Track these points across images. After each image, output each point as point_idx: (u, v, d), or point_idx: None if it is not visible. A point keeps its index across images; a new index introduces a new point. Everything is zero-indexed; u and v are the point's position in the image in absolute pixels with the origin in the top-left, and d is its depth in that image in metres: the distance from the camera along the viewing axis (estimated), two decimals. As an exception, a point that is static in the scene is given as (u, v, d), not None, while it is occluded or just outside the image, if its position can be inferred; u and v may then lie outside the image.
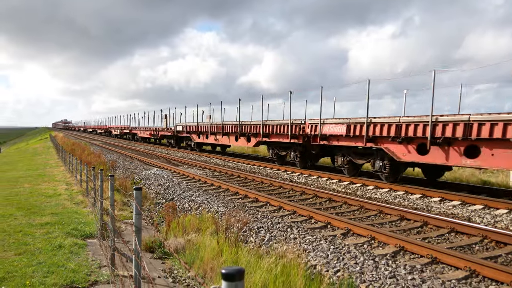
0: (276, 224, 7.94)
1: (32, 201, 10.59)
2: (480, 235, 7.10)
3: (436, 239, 7.19)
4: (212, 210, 9.37)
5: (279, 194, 11.63)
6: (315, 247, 6.58)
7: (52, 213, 9.15)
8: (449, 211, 9.31)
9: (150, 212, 10.68)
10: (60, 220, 8.40)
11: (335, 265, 5.86)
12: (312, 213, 8.62)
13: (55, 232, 7.50)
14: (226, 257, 5.62)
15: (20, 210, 9.39)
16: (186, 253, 6.40)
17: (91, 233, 7.60)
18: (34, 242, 6.81)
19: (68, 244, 6.74)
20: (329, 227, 7.91)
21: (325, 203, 10.30)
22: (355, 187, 12.32)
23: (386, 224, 8.26)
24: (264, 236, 7.33)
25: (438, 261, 5.91)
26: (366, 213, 9.17)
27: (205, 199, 10.56)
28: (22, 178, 15.50)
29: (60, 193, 11.82)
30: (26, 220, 8.41)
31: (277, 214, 9.03)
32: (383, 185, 12.08)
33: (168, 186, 12.88)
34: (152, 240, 7.01)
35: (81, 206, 10.07)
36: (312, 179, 14.06)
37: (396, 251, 6.37)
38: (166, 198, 11.59)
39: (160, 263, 6.37)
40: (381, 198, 10.95)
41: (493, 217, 8.61)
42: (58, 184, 13.70)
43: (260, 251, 6.30)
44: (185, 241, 6.78)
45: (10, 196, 11.36)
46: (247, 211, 9.00)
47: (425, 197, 10.61)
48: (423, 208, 9.67)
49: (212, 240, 6.42)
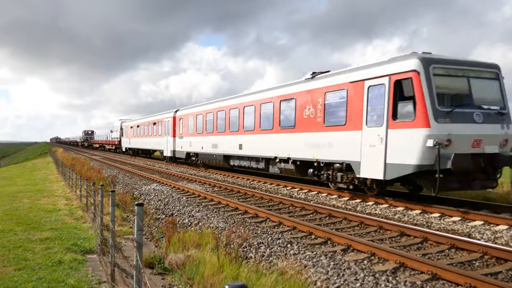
0: (276, 239, 7.94)
1: (31, 216, 10.58)
2: (480, 251, 7.09)
3: (436, 255, 7.18)
4: (212, 226, 9.37)
5: (279, 209, 11.63)
6: (315, 263, 6.58)
7: (51, 228, 9.14)
8: (449, 227, 9.31)
9: (150, 227, 10.66)
10: (59, 236, 8.40)
11: (336, 281, 5.85)
12: (312, 229, 8.62)
13: (54, 247, 7.49)
14: (227, 273, 5.62)
15: (19, 225, 9.38)
16: (186, 269, 6.39)
17: (91, 249, 7.59)
18: (34, 258, 6.80)
19: (68, 260, 6.73)
20: (329, 243, 7.91)
21: (325, 219, 10.30)
22: (355, 203, 12.31)
23: (386, 240, 8.26)
24: (264, 252, 7.32)
25: (438, 277, 5.90)
26: (366, 229, 9.16)
27: (205, 215, 10.56)
28: (21, 193, 15.49)
29: (60, 208, 11.82)
30: (26, 235, 8.41)
31: (277, 229, 9.03)
32: (382, 200, 12.08)
33: (168, 202, 12.88)
34: (152, 256, 7.00)
35: (80, 222, 10.06)
36: (312, 195, 14.06)
37: (396, 267, 6.37)
38: (166, 214, 11.58)
39: (160, 279, 6.36)
40: (381, 213, 10.94)
41: (493, 233, 8.60)
42: (58, 199, 13.69)
43: (260, 267, 6.29)
44: (185, 256, 6.77)
45: (10, 211, 11.35)
46: (247, 227, 8.99)
47: (425, 213, 10.61)
48: (423, 224, 9.66)
49: (212, 256, 6.42)
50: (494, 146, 10.49)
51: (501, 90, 11.17)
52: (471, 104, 10.56)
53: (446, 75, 10.63)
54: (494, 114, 10.70)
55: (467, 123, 10.24)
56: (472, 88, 10.72)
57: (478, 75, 10.98)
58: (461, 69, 10.73)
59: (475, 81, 10.83)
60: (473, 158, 10.04)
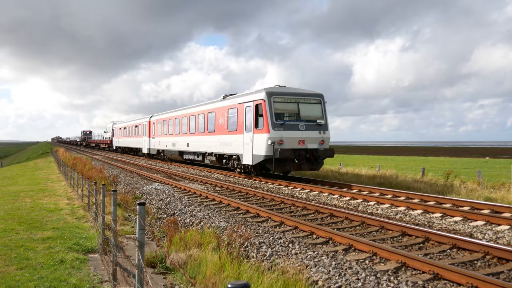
0: (277, 239, 7.94)
1: (33, 215, 10.60)
2: (482, 251, 7.08)
3: (438, 255, 7.18)
4: (214, 225, 9.38)
5: (280, 209, 11.63)
6: (317, 262, 6.58)
7: (53, 227, 9.16)
8: (450, 227, 9.30)
9: (152, 227, 10.67)
10: (61, 235, 8.41)
11: (337, 280, 5.85)
12: (314, 228, 8.62)
13: (56, 246, 7.50)
14: (228, 272, 5.62)
15: (21, 224, 9.40)
16: (187, 268, 6.40)
17: (93, 248, 7.61)
18: (36, 257, 6.82)
19: (70, 259, 6.74)
20: (331, 243, 7.91)
21: (326, 219, 10.30)
22: (357, 203, 12.32)
23: (388, 239, 8.25)
24: (266, 252, 7.33)
25: (440, 277, 5.90)
26: (367, 229, 9.16)
27: (206, 214, 10.56)
28: (23, 193, 15.52)
29: (62, 208, 11.84)
30: (28, 234, 8.43)
31: (279, 229, 9.03)
32: (384, 200, 12.09)
33: (169, 201, 12.89)
34: (154, 255, 7.01)
35: (82, 221, 10.07)
36: (313, 195, 14.07)
37: (398, 267, 6.36)
38: (168, 213, 11.59)
39: (161, 278, 6.37)
40: (383, 213, 10.94)
41: (495, 233, 8.60)
42: (60, 199, 13.71)
43: (262, 267, 6.29)
44: (186, 256, 6.77)
45: (12, 210, 11.37)
46: (248, 226, 9.00)
47: (427, 213, 10.61)
48: (425, 224, 9.66)
49: (213, 255, 6.42)
50: (314, 144, 16.99)
51: (322, 110, 17.69)
52: (298, 119, 17.08)
53: (282, 101, 17.00)
54: (314, 125, 17.16)
55: (294, 130, 16.68)
56: (300, 109, 17.22)
57: (306, 101, 17.47)
58: (293, 97, 17.24)
59: (303, 104, 17.33)
60: (297, 151, 16.62)
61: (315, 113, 17.56)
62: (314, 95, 17.72)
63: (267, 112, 16.41)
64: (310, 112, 17.48)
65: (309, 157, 16.92)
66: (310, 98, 17.56)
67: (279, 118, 16.75)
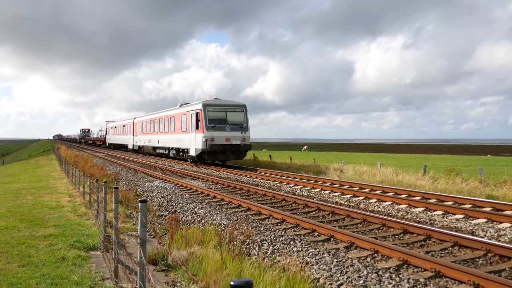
0: (279, 237, 7.94)
1: (35, 213, 10.62)
2: (483, 249, 7.08)
3: (440, 253, 7.17)
4: (215, 223, 9.38)
5: (281, 207, 11.63)
6: (319, 260, 6.58)
7: (55, 225, 9.17)
8: (452, 224, 9.29)
9: (153, 224, 10.68)
10: (63, 232, 8.42)
11: (339, 278, 5.85)
12: (315, 226, 8.61)
13: (58, 244, 7.51)
14: (230, 269, 5.62)
15: (23, 222, 9.41)
16: (189, 265, 6.40)
17: (94, 245, 7.61)
18: (38, 254, 6.83)
19: (72, 256, 6.75)
20: (332, 240, 7.90)
21: (328, 216, 10.30)
22: (358, 200, 12.31)
23: (389, 237, 8.25)
24: (267, 249, 7.33)
25: (441, 274, 5.89)
26: (369, 226, 9.16)
27: (208, 212, 10.57)
28: (25, 190, 15.54)
29: (63, 205, 11.85)
30: (29, 232, 8.44)
31: (280, 226, 9.03)
32: (385, 198, 12.08)
33: (171, 199, 12.89)
34: (155, 253, 7.02)
35: (84, 218, 10.09)
36: (315, 192, 14.07)
37: (400, 265, 6.36)
38: (169, 211, 11.60)
39: (163, 275, 6.37)
40: (384, 211, 10.94)
41: (496, 230, 8.59)
42: (61, 196, 13.73)
43: (264, 264, 6.29)
44: (188, 253, 6.78)
45: (13, 208, 11.39)
46: (250, 224, 9.00)
47: (428, 211, 10.60)
48: (426, 222, 9.65)
49: (215, 253, 6.43)
50: (237, 141, 23.53)
51: (244, 116, 24.32)
52: (226, 123, 23.68)
53: (213, 110, 23.61)
54: (237, 127, 23.81)
55: (222, 131, 23.29)
56: (228, 116, 23.95)
57: (232, 110, 24.22)
58: (222, 107, 24.02)
59: (229, 112, 24.04)
60: (224, 146, 23.21)
61: (239, 119, 24.29)
62: (239, 105, 24.64)
63: (203, 118, 23.25)
64: (235, 118, 24.19)
65: (233, 150, 23.75)
66: (235, 108, 24.44)
67: (212, 122, 23.34)
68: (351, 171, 20.38)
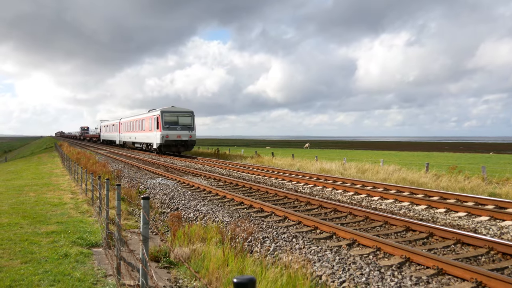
0: (281, 234, 7.94)
1: (37, 209, 10.64)
2: (486, 246, 7.06)
3: (442, 250, 7.16)
4: (217, 220, 9.38)
5: (284, 204, 11.63)
6: (321, 257, 6.57)
7: (57, 222, 9.19)
8: (454, 222, 9.27)
9: (155, 221, 10.69)
10: (65, 229, 8.44)
11: (341, 275, 5.85)
12: (317, 223, 8.61)
13: (60, 241, 7.53)
14: (232, 267, 5.62)
15: (25, 218, 9.44)
16: (191, 262, 6.40)
17: (97, 242, 7.62)
18: (40, 251, 6.84)
19: (74, 253, 6.76)
20: (335, 238, 7.90)
21: (330, 214, 10.29)
22: (360, 198, 12.30)
23: (392, 234, 8.23)
24: (270, 246, 7.33)
25: (444, 272, 5.88)
26: (371, 224, 9.15)
27: (210, 209, 10.58)
28: (27, 187, 15.58)
29: (66, 202, 11.87)
30: (32, 228, 8.46)
31: (282, 224, 9.03)
32: (388, 195, 12.06)
33: (173, 196, 12.91)
34: (158, 250, 7.02)
35: (86, 215, 10.10)
36: (317, 190, 14.06)
37: (402, 262, 6.35)
38: (171, 208, 11.60)
39: (165, 272, 6.38)
40: (386, 208, 10.92)
41: (499, 228, 8.56)
42: (64, 193, 13.76)
43: (266, 261, 6.29)
44: (190, 250, 6.78)
45: (16, 204, 11.42)
46: (252, 221, 9.00)
47: (431, 208, 10.58)
48: (429, 219, 9.64)
49: (217, 250, 6.43)
50: (186, 137, 33.56)
51: (191, 119, 34.43)
52: (177, 125, 33.55)
53: (168, 115, 33.52)
54: (186, 127, 33.79)
55: (174, 130, 33.22)
56: (179, 119, 33.84)
57: (183, 115, 34.19)
58: (175, 113, 33.95)
59: (180, 117, 33.94)
60: (176, 141, 33.34)
61: (187, 122, 34.07)
62: (188, 111, 34.53)
63: (161, 121, 33.07)
64: (184, 121, 33.91)
65: (183, 144, 33.64)
66: (185, 113, 34.24)
67: (167, 124, 33.06)
68: (354, 169, 20.35)
